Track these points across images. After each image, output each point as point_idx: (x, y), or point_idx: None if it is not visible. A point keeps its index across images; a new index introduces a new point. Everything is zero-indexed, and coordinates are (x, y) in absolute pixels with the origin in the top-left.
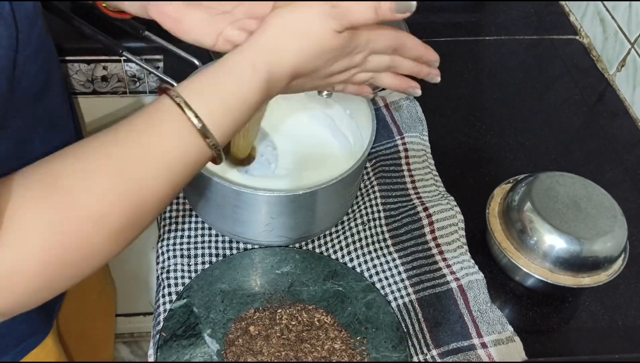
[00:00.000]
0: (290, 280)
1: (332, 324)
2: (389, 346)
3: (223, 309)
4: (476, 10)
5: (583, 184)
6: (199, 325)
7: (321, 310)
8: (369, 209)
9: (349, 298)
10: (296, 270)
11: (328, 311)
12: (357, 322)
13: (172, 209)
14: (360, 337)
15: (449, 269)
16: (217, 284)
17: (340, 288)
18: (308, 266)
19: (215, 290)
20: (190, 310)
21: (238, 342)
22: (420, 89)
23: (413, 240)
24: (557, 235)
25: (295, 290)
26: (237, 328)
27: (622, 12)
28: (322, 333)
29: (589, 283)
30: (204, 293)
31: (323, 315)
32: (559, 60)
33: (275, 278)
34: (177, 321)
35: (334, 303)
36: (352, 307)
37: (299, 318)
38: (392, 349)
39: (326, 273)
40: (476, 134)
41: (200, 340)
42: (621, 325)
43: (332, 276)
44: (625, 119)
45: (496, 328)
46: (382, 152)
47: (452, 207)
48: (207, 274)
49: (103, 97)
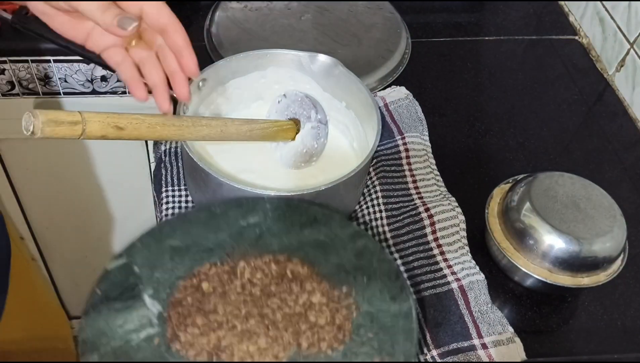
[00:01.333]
0: (258, 231)
1: (309, 275)
2: (385, 297)
3: (172, 267)
4: (475, 10)
5: (582, 184)
6: (140, 287)
7: (295, 260)
8: (370, 209)
9: (334, 248)
10: (266, 220)
11: (305, 262)
12: (343, 272)
13: (173, 208)
14: (346, 289)
15: (450, 269)
16: (166, 241)
17: (322, 237)
18: (282, 215)
19: (164, 248)
20: (130, 271)
21: (186, 302)
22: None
23: (414, 240)
24: (556, 235)
25: (264, 242)
26: (185, 286)
27: (621, 12)
28: (295, 286)
29: (588, 283)
30: (150, 252)
31: (297, 265)
32: (558, 60)
33: (240, 230)
34: (112, 282)
35: (313, 254)
36: (338, 257)
37: (265, 271)
38: (390, 300)
39: (303, 220)
40: (475, 134)
41: (138, 303)
42: (620, 325)
43: (310, 224)
44: (624, 119)
45: (497, 329)
46: (383, 152)
47: (454, 208)
48: (155, 231)
49: (103, 97)
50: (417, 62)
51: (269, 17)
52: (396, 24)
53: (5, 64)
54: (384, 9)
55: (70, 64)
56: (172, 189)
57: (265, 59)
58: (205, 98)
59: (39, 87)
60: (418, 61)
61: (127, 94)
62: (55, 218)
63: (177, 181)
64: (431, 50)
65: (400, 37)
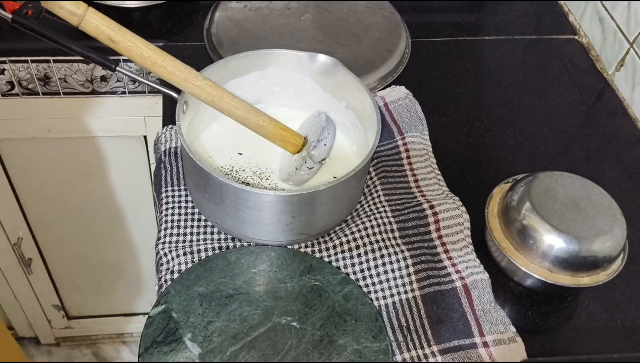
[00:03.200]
0: (266, 278)
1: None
2: (369, 336)
3: (202, 312)
4: (475, 10)
5: (582, 184)
6: (179, 330)
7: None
8: (372, 206)
9: (327, 292)
10: (272, 267)
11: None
12: (336, 315)
13: (173, 208)
14: (340, 330)
15: (454, 268)
16: (194, 287)
17: (317, 283)
18: (284, 263)
19: (193, 294)
20: (169, 316)
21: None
22: None
23: (420, 236)
24: (556, 234)
25: (272, 286)
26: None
27: (621, 11)
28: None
29: (588, 282)
30: (181, 298)
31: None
32: (558, 60)
33: (252, 276)
34: (157, 327)
35: (312, 298)
36: (330, 300)
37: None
38: (372, 339)
39: (302, 268)
40: (475, 134)
41: (181, 345)
42: (620, 324)
43: (308, 271)
44: (624, 118)
45: (499, 328)
46: (384, 152)
47: (458, 206)
48: (184, 278)
49: (102, 97)
50: (417, 61)
51: (268, 17)
52: (396, 23)
53: (5, 64)
54: (383, 8)
55: (70, 64)
56: (172, 189)
57: (265, 59)
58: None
59: (38, 87)
60: (418, 61)
61: (127, 94)
62: (55, 218)
63: (177, 181)
64: (431, 49)
65: (400, 36)
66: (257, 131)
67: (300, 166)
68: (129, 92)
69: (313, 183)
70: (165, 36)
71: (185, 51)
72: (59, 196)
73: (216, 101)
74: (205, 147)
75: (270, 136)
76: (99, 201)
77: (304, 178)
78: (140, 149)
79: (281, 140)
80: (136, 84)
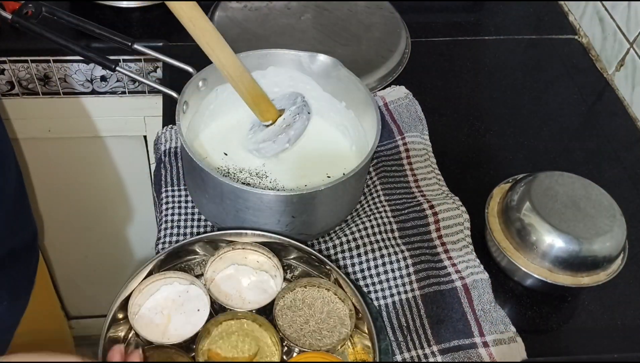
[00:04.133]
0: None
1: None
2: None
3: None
4: (475, 10)
5: (582, 184)
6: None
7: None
8: (372, 206)
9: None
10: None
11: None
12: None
13: (173, 208)
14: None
15: (454, 268)
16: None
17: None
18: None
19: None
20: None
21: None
22: None
23: (419, 236)
24: (556, 234)
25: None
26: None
27: (621, 11)
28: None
29: (588, 282)
30: None
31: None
32: (558, 60)
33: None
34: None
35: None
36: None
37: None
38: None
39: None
40: (475, 134)
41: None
42: (620, 324)
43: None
44: (624, 118)
45: (499, 327)
46: (384, 152)
47: (458, 206)
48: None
49: (102, 97)
50: (417, 61)
51: (268, 17)
52: (396, 23)
53: (5, 64)
54: (383, 8)
55: (69, 64)
56: (172, 189)
57: (265, 59)
58: (205, 97)
59: (38, 87)
60: (418, 61)
61: (127, 94)
62: (55, 218)
63: (177, 181)
64: (431, 49)
65: (400, 36)
66: (239, 92)
67: (274, 138)
68: (129, 92)
69: (313, 183)
70: (165, 36)
71: (185, 51)
72: (59, 196)
73: (209, 52)
74: (205, 147)
75: (250, 99)
76: (98, 201)
77: (276, 150)
78: (140, 149)
79: (259, 107)
80: (136, 84)
